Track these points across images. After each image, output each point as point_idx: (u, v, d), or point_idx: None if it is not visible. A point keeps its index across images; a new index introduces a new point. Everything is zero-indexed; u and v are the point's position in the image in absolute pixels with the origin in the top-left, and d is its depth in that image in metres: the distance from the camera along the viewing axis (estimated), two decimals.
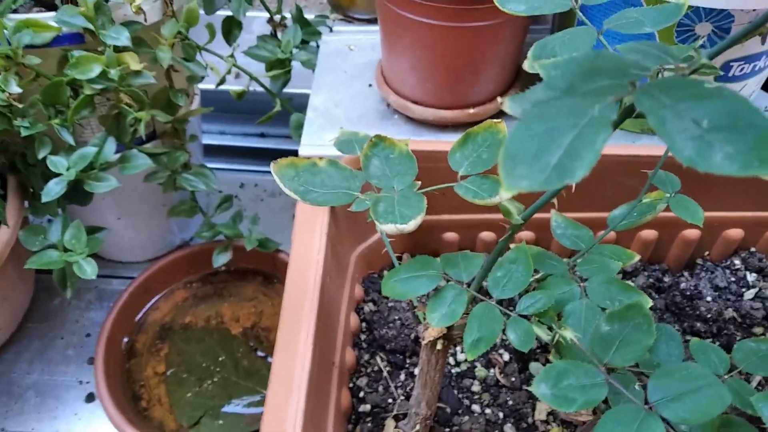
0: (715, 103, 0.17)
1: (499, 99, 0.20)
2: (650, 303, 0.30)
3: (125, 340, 0.68)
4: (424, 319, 0.38)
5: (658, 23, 0.28)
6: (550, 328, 0.29)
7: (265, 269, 0.74)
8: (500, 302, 0.32)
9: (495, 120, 0.32)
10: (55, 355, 0.68)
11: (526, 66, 0.25)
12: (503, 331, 0.29)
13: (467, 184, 0.30)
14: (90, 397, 0.65)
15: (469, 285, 0.31)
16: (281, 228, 0.78)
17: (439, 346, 0.37)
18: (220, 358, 0.67)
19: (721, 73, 0.54)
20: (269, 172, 0.96)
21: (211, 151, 0.88)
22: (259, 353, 0.67)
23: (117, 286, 0.73)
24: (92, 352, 0.67)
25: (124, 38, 0.51)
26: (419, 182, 0.32)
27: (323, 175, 0.32)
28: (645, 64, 0.20)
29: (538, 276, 0.37)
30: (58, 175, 0.52)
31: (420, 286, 0.30)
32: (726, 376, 0.33)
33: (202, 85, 0.74)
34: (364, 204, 0.41)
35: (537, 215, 0.43)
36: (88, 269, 0.53)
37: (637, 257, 0.36)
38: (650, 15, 0.28)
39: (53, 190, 0.52)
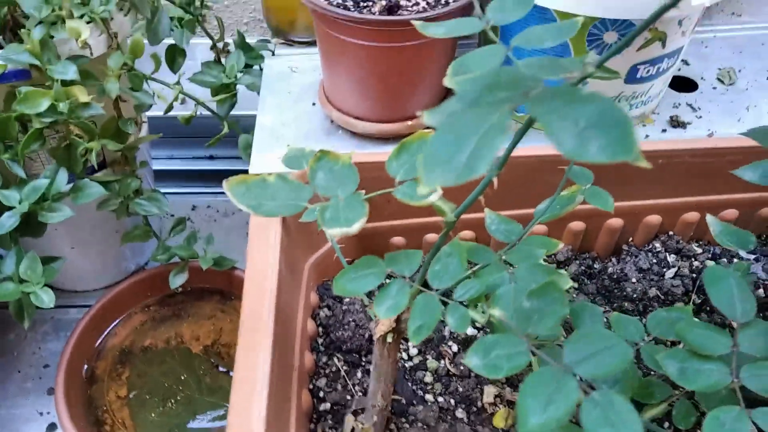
0: (589, 106, 0.21)
1: (418, 113, 0.23)
2: (569, 282, 0.35)
3: (85, 367, 0.68)
4: (375, 315, 0.41)
5: (557, 38, 0.32)
6: (484, 311, 0.33)
7: (222, 287, 0.76)
8: (446, 295, 0.35)
9: (426, 130, 0.35)
10: (12, 388, 0.68)
11: (446, 82, 0.29)
12: (443, 317, 0.33)
13: (404, 188, 0.33)
14: (51, 427, 0.65)
15: (412, 279, 0.35)
16: (235, 246, 0.80)
17: (389, 340, 0.40)
18: (183, 377, 0.68)
19: (620, 75, 0.59)
20: (221, 193, 0.98)
21: (162, 176, 0.89)
22: (221, 369, 0.69)
23: (74, 315, 0.74)
24: (52, 383, 0.68)
25: (71, 72, 0.52)
26: (362, 190, 0.36)
27: (272, 189, 0.35)
28: (538, 76, 0.24)
29: (476, 268, 0.41)
30: (10, 208, 0.53)
31: (367, 283, 0.34)
32: (642, 343, 0.38)
33: (150, 113, 0.75)
34: (313, 214, 0.44)
35: (476, 215, 0.47)
36: (46, 298, 0.55)
37: (561, 245, 0.40)
38: (551, 31, 0.32)
39: (6, 223, 0.53)
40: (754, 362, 0.30)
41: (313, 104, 0.65)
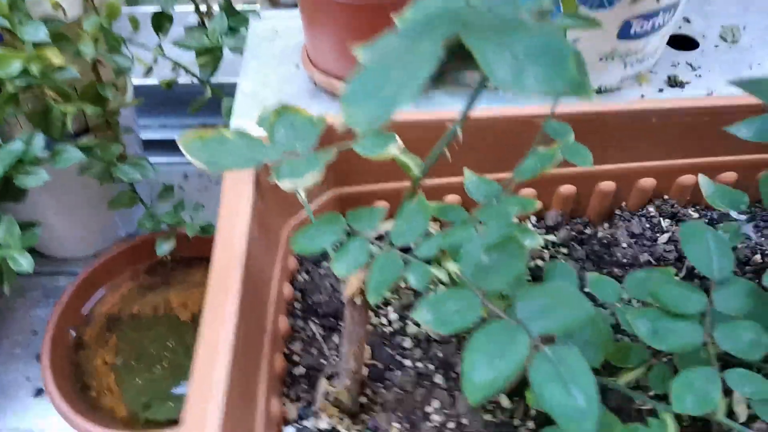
0: (532, 37, 0.19)
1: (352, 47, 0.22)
2: (538, 239, 0.33)
3: (73, 333, 0.68)
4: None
5: None
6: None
7: (211, 255, 0.75)
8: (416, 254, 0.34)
9: None
10: (1, 354, 0.68)
11: (395, 18, 0.27)
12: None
13: (364, 142, 0.32)
14: (39, 392, 0.66)
15: (379, 239, 0.33)
16: None
17: (357, 301, 0.39)
18: (170, 344, 0.68)
19: (598, 25, 0.56)
20: None
21: (154, 145, 0.89)
22: None
23: (63, 282, 0.74)
24: (39, 349, 0.68)
25: (42, 34, 0.51)
26: (333, 147, 0.34)
27: (230, 146, 0.34)
28: (485, 11, 0.22)
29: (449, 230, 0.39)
30: None
31: (324, 240, 0.32)
32: (619, 305, 0.36)
33: (139, 81, 0.75)
34: None
35: (462, 179, 0.45)
36: (24, 263, 0.54)
37: (538, 204, 0.39)
38: None
39: None
40: (729, 322, 0.29)
41: (297, 67, 0.63)
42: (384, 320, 0.51)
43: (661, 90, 0.60)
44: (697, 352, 0.31)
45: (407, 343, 0.50)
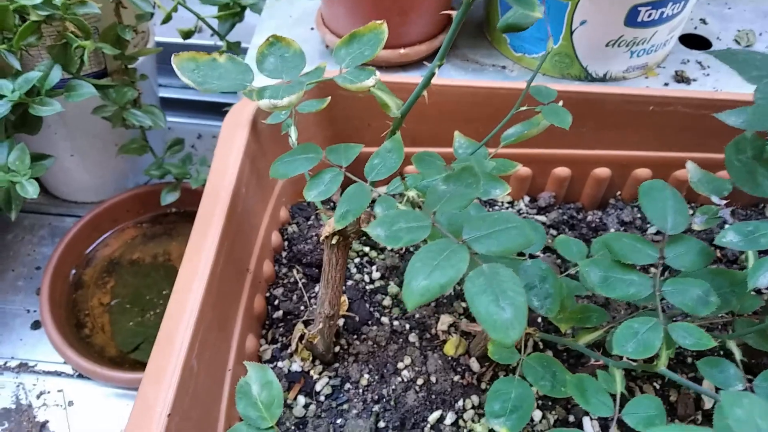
0: None
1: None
2: (507, 188, 0.34)
3: (73, 272, 0.71)
4: (327, 219, 0.41)
5: None
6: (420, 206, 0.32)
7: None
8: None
9: (379, 21, 0.35)
10: (4, 285, 0.71)
11: None
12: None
13: (346, 75, 0.33)
14: (36, 325, 0.68)
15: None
16: None
17: (333, 241, 0.40)
18: (165, 292, 0.70)
19: None
20: None
21: (172, 104, 0.91)
22: None
23: (70, 223, 0.76)
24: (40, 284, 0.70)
25: None
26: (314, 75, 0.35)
27: (222, 70, 0.35)
28: None
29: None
30: (3, 97, 0.55)
31: (299, 166, 0.34)
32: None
33: (165, 38, 0.77)
34: (279, 116, 0.44)
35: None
36: (30, 189, 0.56)
37: (518, 166, 0.39)
38: None
39: None
40: (678, 277, 0.29)
41: (312, 29, 0.65)
42: (367, 278, 0.52)
43: (666, 84, 0.60)
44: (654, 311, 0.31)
45: (387, 301, 0.51)
